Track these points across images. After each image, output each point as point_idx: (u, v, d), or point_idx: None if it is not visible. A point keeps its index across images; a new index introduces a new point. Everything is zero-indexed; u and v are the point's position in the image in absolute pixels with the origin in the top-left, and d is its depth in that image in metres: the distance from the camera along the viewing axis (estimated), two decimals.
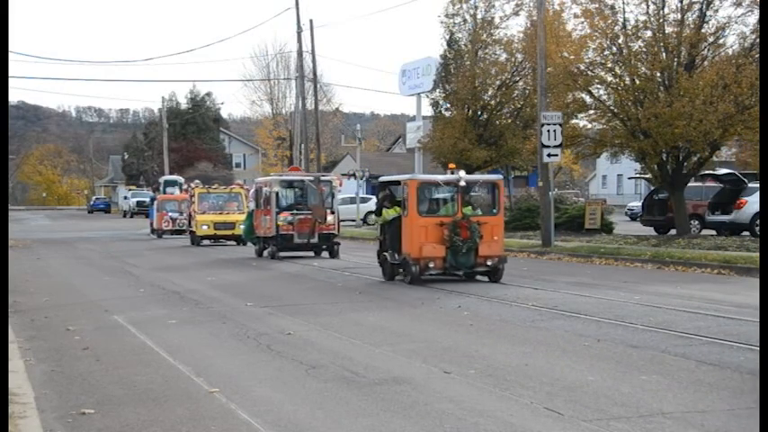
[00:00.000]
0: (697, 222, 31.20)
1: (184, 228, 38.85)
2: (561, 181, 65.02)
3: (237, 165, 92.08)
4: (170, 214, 40.73)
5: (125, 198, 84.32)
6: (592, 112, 29.83)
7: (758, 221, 27.64)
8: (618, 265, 22.53)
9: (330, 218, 26.80)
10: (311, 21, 47.79)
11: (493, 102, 39.70)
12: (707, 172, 31.99)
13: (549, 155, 26.55)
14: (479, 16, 39.87)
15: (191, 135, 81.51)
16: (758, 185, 28.71)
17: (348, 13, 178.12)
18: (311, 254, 27.01)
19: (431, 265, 17.73)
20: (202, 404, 8.00)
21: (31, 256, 28.42)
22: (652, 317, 12.81)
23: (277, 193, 26.69)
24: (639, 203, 43.85)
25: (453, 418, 7.32)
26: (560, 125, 26.43)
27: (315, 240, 26.50)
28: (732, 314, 12.98)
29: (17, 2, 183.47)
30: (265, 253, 27.12)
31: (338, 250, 26.59)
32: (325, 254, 26.85)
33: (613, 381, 8.66)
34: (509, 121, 39.96)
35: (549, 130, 26.32)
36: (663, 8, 27.10)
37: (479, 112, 39.78)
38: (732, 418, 7.29)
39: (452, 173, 18.35)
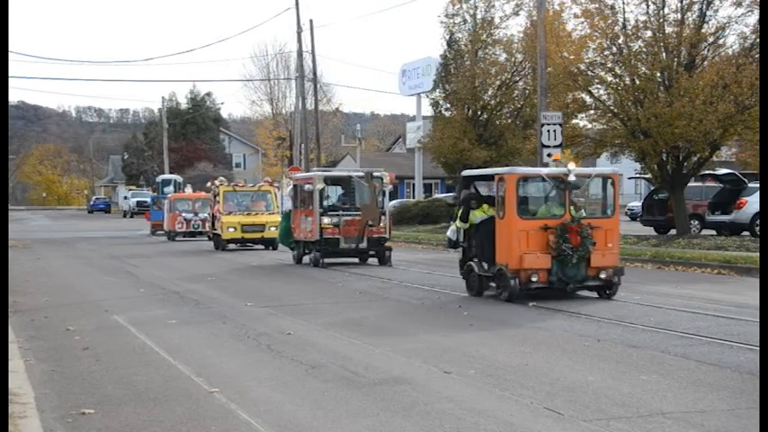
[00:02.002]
0: (697, 222, 31.18)
1: (199, 229, 36.99)
2: None
3: (237, 165, 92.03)
4: (184, 215, 38.07)
5: (125, 198, 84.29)
6: (592, 112, 29.82)
7: (758, 221, 27.62)
8: None
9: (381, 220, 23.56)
10: (311, 21, 47.82)
11: (493, 102, 39.70)
12: (707, 172, 31.97)
13: (549, 155, 26.52)
14: (479, 16, 39.88)
15: (191, 135, 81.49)
16: (758, 185, 28.69)
17: (348, 13, 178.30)
18: (355, 260, 23.89)
19: (533, 278, 14.62)
20: (202, 404, 8.00)
21: (31, 256, 28.41)
22: (652, 317, 12.82)
23: (321, 191, 23.62)
24: (639, 203, 43.82)
25: (453, 418, 7.32)
26: (560, 125, 26.44)
27: (363, 245, 23.29)
28: (732, 314, 12.98)
29: (17, 2, 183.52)
30: (306, 259, 24.02)
31: (390, 257, 23.40)
32: (372, 260, 23.69)
33: (613, 381, 8.67)
34: (509, 121, 39.96)
35: (549, 130, 26.33)
36: (663, 8, 27.09)
37: (479, 112, 39.79)
38: (732, 418, 7.30)
39: (556, 165, 15.59)
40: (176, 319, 13.44)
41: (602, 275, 14.85)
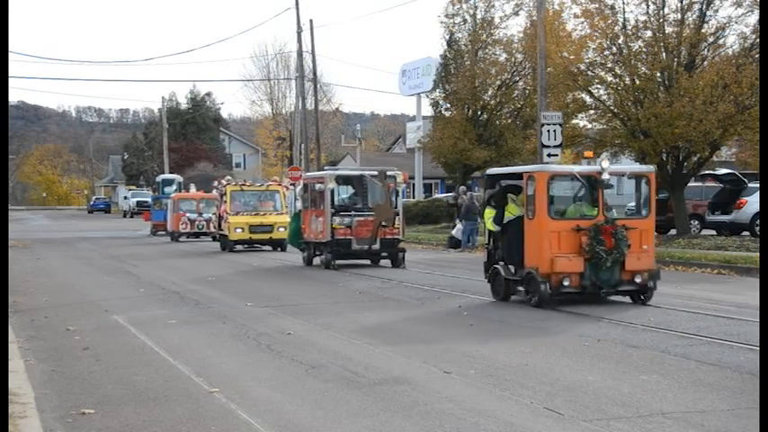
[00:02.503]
0: (697, 222, 31.16)
1: (203, 230, 36.62)
2: None
3: (237, 165, 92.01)
4: (188, 215, 37.28)
5: (125, 198, 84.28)
6: (592, 112, 29.82)
7: (758, 221, 27.62)
8: None
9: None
10: (311, 21, 47.81)
11: (493, 102, 39.71)
12: (707, 172, 31.96)
13: (549, 155, 26.54)
14: (479, 16, 39.89)
15: (191, 135, 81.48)
16: (758, 185, 28.69)
17: (348, 13, 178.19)
18: (357, 260, 23.01)
19: (565, 282, 13.83)
20: (202, 404, 8.00)
21: (31, 256, 28.41)
22: (652, 317, 12.82)
23: (332, 191, 22.79)
24: None
25: (453, 418, 7.32)
26: (560, 125, 26.44)
27: (376, 247, 22.52)
28: (732, 314, 12.98)
29: (17, 2, 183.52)
30: (317, 261, 23.19)
31: (404, 258, 22.61)
32: (385, 262, 22.96)
33: (613, 381, 8.67)
34: (509, 121, 39.97)
35: (549, 130, 26.33)
36: (663, 8, 27.09)
37: (479, 112, 39.79)
38: (732, 418, 7.30)
39: (588, 162, 14.99)
40: (176, 319, 13.44)
41: (638, 279, 14.04)
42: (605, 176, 14.01)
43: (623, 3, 27.43)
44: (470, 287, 17.27)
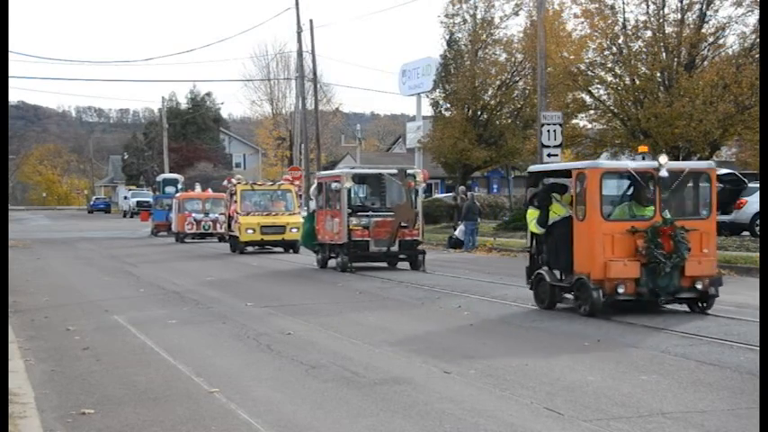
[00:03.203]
0: None
1: (209, 230, 35.85)
2: None
3: (237, 165, 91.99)
4: (193, 215, 36.21)
5: (125, 198, 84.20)
6: (592, 112, 29.86)
7: (758, 221, 27.61)
8: None
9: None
10: (311, 21, 47.78)
11: (493, 102, 39.73)
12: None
13: (549, 155, 26.55)
14: (479, 16, 39.91)
15: (191, 135, 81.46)
16: (758, 185, 28.68)
17: (348, 13, 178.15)
18: (384, 264, 22.07)
19: (620, 289, 12.65)
20: (202, 404, 8.00)
21: (31, 256, 28.41)
22: (652, 317, 12.80)
23: (349, 191, 21.75)
24: None
25: (453, 418, 7.32)
26: (560, 125, 26.45)
27: (395, 248, 21.47)
28: (732, 314, 12.97)
29: (17, 2, 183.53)
30: (332, 263, 22.13)
31: (424, 261, 21.57)
32: (402, 265, 21.90)
33: (613, 381, 8.67)
34: (509, 121, 40.00)
35: (549, 130, 26.34)
36: (663, 8, 27.11)
37: (479, 112, 39.81)
38: (732, 418, 7.30)
39: (643, 158, 13.46)
40: (176, 319, 13.44)
41: (698, 286, 12.79)
42: (663, 173, 12.82)
43: (623, 3, 27.47)
44: (470, 287, 17.28)
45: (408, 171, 21.92)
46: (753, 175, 34.61)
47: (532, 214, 14.10)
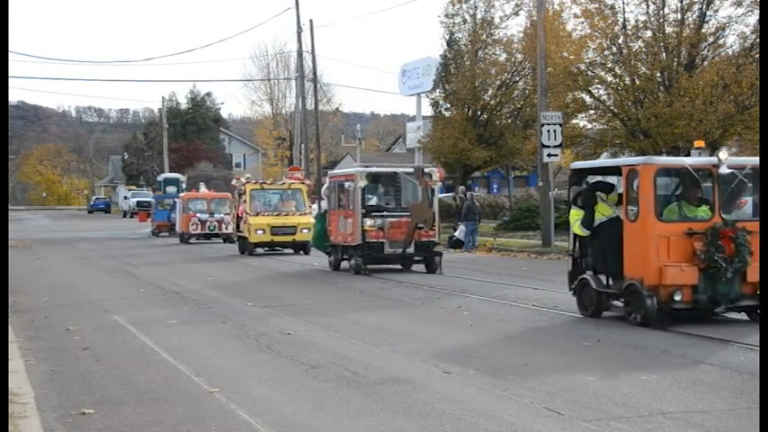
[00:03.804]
0: None
1: (215, 231, 35.18)
2: (561, 181, 64.97)
3: (237, 165, 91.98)
4: (198, 215, 35.43)
5: (125, 198, 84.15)
6: (592, 112, 29.86)
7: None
8: None
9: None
10: (311, 21, 47.84)
11: (493, 102, 39.74)
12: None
13: (549, 155, 26.57)
14: (479, 16, 39.94)
15: (191, 135, 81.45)
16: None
17: (348, 13, 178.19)
18: (399, 267, 21.31)
19: (676, 296, 11.59)
20: (202, 404, 8.00)
21: (31, 256, 28.41)
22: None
23: (363, 190, 20.89)
24: None
25: (453, 418, 7.32)
26: (560, 125, 26.46)
27: (410, 250, 20.64)
28: (732, 314, 12.95)
29: (17, 2, 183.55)
30: (345, 265, 21.40)
31: (440, 263, 20.76)
32: (417, 267, 21.15)
33: (613, 381, 8.67)
34: (509, 121, 40.01)
35: (549, 130, 26.34)
36: (663, 8, 27.12)
37: (479, 112, 39.82)
38: (732, 418, 7.30)
39: (699, 153, 12.36)
40: (176, 319, 13.44)
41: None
42: (723, 170, 11.84)
43: (623, 3, 27.48)
44: (470, 287, 17.29)
45: (425, 169, 21.28)
46: None
47: (576, 215, 13.12)
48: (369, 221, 20.47)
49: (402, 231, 20.48)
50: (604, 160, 15.01)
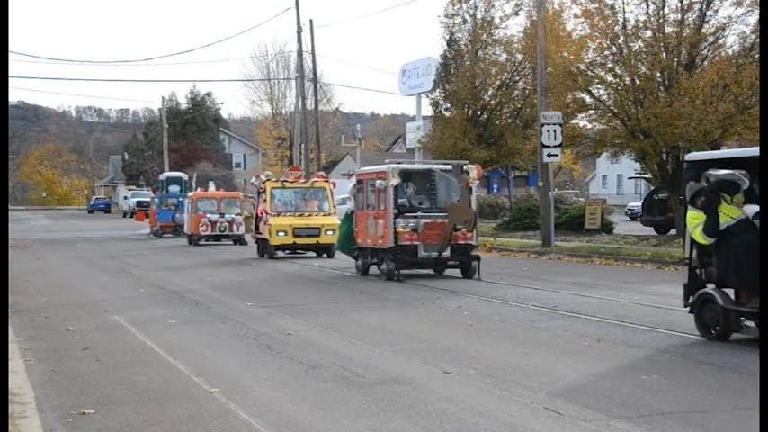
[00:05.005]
0: None
1: (225, 232, 34.01)
2: (561, 181, 65.03)
3: (237, 165, 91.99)
4: (208, 216, 34.08)
5: (125, 198, 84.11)
6: (592, 112, 29.88)
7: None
8: (618, 265, 22.53)
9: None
10: (311, 21, 47.83)
11: (493, 102, 39.74)
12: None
13: (549, 155, 26.57)
14: (479, 16, 39.93)
15: (191, 135, 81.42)
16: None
17: (348, 13, 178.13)
18: (430, 271, 20.10)
19: None
20: (202, 404, 8.00)
21: (31, 256, 28.41)
22: (652, 317, 12.82)
23: (396, 188, 19.36)
24: (639, 203, 43.86)
25: (453, 418, 7.32)
26: (560, 125, 26.46)
27: (446, 254, 19.21)
28: None
29: (17, 2, 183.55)
30: (375, 270, 20.00)
31: (479, 268, 19.11)
32: (451, 272, 19.79)
33: (613, 381, 8.67)
34: (509, 121, 40.00)
35: (549, 130, 26.34)
36: (663, 8, 27.13)
37: (479, 112, 39.82)
38: (732, 418, 7.30)
39: None
40: (176, 319, 13.44)
41: None
42: None
43: (623, 3, 27.50)
44: (470, 287, 17.28)
45: (465, 167, 19.50)
46: None
47: (695, 218, 10.87)
48: (402, 223, 18.97)
49: (438, 233, 18.95)
50: (728, 150, 12.68)
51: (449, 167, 19.87)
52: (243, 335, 11.83)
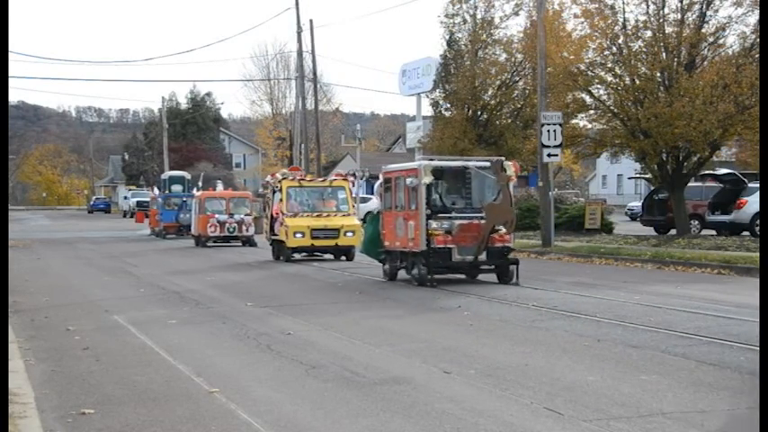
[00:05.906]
0: (697, 222, 31.20)
1: (234, 233, 33.05)
2: (561, 181, 65.00)
3: (237, 165, 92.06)
4: (217, 216, 33.00)
5: (125, 198, 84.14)
6: (592, 112, 29.86)
7: (758, 221, 27.63)
8: (618, 265, 22.52)
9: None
10: (311, 21, 47.91)
11: (493, 102, 39.73)
12: (707, 172, 32.01)
13: (549, 155, 26.55)
14: (479, 16, 39.92)
15: (191, 135, 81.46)
16: (758, 185, 28.71)
17: (348, 13, 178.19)
18: (462, 276, 18.68)
19: None
20: (202, 404, 8.00)
21: (31, 256, 28.41)
22: (652, 317, 12.81)
23: (429, 187, 17.85)
24: (639, 203, 43.89)
25: (453, 418, 7.32)
26: (560, 125, 26.44)
27: (482, 258, 17.84)
28: (732, 314, 12.97)
29: (17, 2, 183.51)
30: (404, 274, 18.69)
31: (517, 272, 17.85)
32: (485, 276, 18.47)
33: (613, 381, 8.66)
34: (509, 121, 40.00)
35: (549, 130, 26.32)
36: (663, 8, 27.12)
37: (479, 112, 39.81)
38: (732, 418, 7.30)
39: None
40: (176, 319, 13.44)
41: None
42: None
43: (623, 3, 27.49)
44: (470, 287, 17.27)
45: (505, 163, 18.13)
46: (753, 175, 34.65)
47: None
48: (434, 224, 17.55)
49: (473, 235, 17.64)
50: None
51: (486, 164, 18.44)
52: (243, 335, 11.83)
